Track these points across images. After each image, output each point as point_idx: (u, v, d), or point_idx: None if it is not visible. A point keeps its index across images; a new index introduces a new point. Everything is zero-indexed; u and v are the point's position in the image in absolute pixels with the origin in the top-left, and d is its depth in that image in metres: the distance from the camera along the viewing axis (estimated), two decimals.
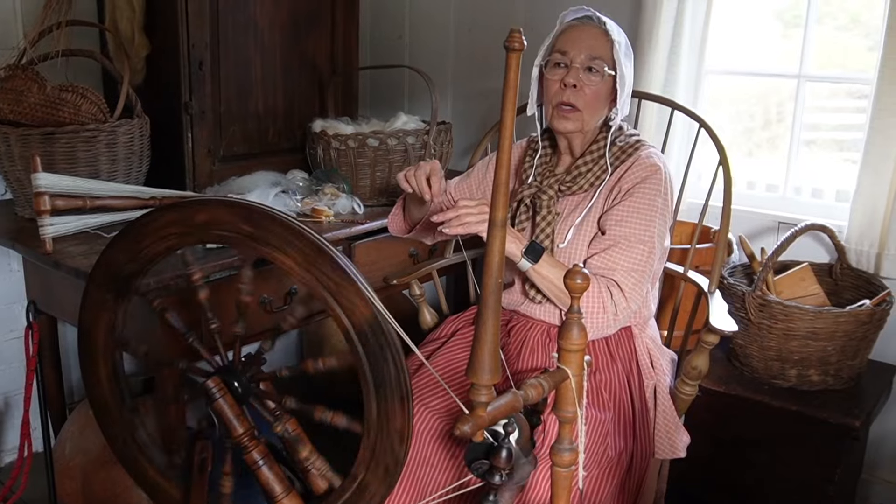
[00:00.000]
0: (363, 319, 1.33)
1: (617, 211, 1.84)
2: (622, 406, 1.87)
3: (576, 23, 1.89)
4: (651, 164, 1.86)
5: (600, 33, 1.86)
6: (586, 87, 1.85)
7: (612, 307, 1.78)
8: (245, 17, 2.48)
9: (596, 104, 1.88)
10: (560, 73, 1.87)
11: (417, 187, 1.85)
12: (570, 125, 1.88)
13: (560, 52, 1.87)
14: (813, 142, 2.64)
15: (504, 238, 1.18)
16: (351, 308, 1.34)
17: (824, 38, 2.54)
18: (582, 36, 1.86)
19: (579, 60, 1.85)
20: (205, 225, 1.47)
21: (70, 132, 2.16)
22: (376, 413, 1.36)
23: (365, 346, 1.36)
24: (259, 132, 2.61)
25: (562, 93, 1.86)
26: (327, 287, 1.36)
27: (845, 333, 2.14)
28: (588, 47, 1.85)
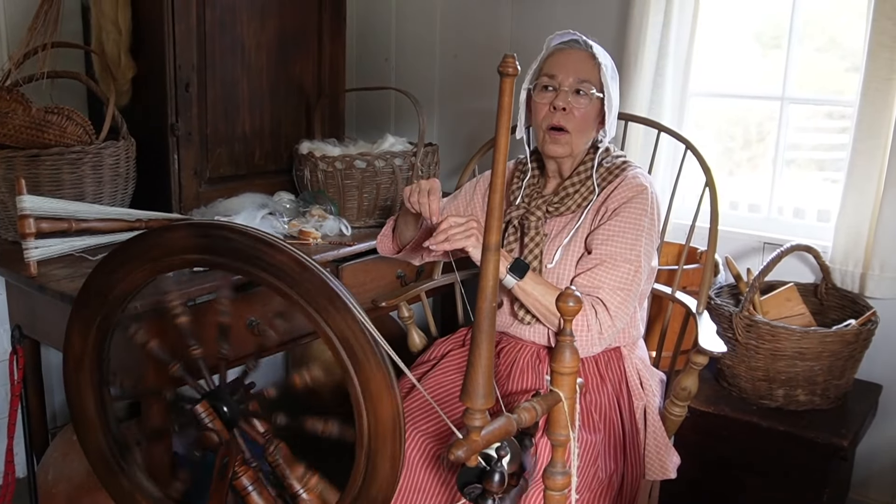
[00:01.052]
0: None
1: (603, 230, 1.85)
2: (612, 427, 1.87)
3: (563, 46, 1.91)
4: (638, 185, 1.87)
5: (587, 57, 1.88)
6: (575, 110, 1.86)
7: (596, 326, 1.79)
8: (232, 38, 2.48)
9: (585, 126, 1.89)
10: (549, 97, 1.88)
11: (423, 209, 1.84)
12: (560, 150, 1.90)
13: (548, 76, 1.88)
14: (793, 161, 2.66)
15: (497, 262, 1.18)
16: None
17: (804, 60, 2.57)
18: (569, 59, 1.88)
19: (567, 84, 1.87)
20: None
21: (55, 154, 2.14)
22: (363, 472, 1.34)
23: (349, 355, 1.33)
24: (246, 154, 2.60)
25: (551, 116, 1.87)
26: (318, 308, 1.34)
27: (832, 353, 2.15)
28: (576, 70, 1.87)
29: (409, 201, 1.87)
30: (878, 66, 2.21)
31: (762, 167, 2.67)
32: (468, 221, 1.74)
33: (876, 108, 2.23)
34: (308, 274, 1.30)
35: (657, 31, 2.50)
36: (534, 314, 1.85)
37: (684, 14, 2.51)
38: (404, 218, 2.01)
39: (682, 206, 2.63)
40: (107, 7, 2.34)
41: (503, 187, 1.15)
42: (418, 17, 3.18)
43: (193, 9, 2.35)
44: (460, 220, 1.75)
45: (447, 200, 2.13)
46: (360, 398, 1.30)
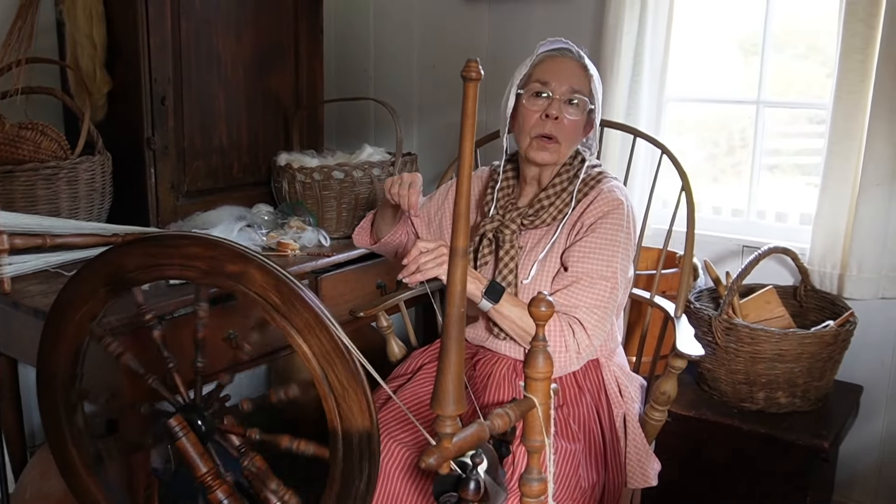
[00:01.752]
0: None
1: (579, 247, 1.83)
2: (592, 437, 1.86)
3: (554, 53, 1.88)
4: (613, 199, 1.85)
5: (579, 66, 1.86)
6: (566, 120, 1.84)
7: (574, 345, 1.77)
8: (208, 52, 2.48)
9: (574, 136, 1.88)
10: (541, 104, 1.85)
11: (402, 201, 1.83)
12: (548, 157, 1.87)
13: (540, 83, 1.85)
14: (776, 166, 2.68)
15: (465, 267, 1.17)
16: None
17: (784, 66, 2.59)
18: (563, 68, 1.86)
19: (561, 92, 1.84)
20: (232, 276, 1.42)
21: (29, 170, 2.14)
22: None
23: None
24: (223, 167, 2.60)
25: (542, 124, 1.84)
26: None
27: (811, 355, 2.15)
28: (569, 80, 1.84)
29: (389, 192, 1.86)
30: (850, 69, 2.23)
31: (745, 173, 2.67)
32: (438, 248, 1.71)
33: (849, 111, 2.24)
34: (281, 285, 1.30)
35: (632, 38, 2.52)
36: (510, 335, 1.84)
37: (659, 21, 2.53)
38: (382, 211, 2.01)
39: (662, 211, 2.64)
40: (81, 22, 2.34)
41: (468, 192, 1.15)
42: (396, 27, 3.19)
43: (168, 22, 2.35)
44: (429, 247, 1.71)
45: (423, 201, 2.12)
46: (335, 412, 1.30)
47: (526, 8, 2.84)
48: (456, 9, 3.00)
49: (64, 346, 1.62)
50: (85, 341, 1.59)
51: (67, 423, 1.65)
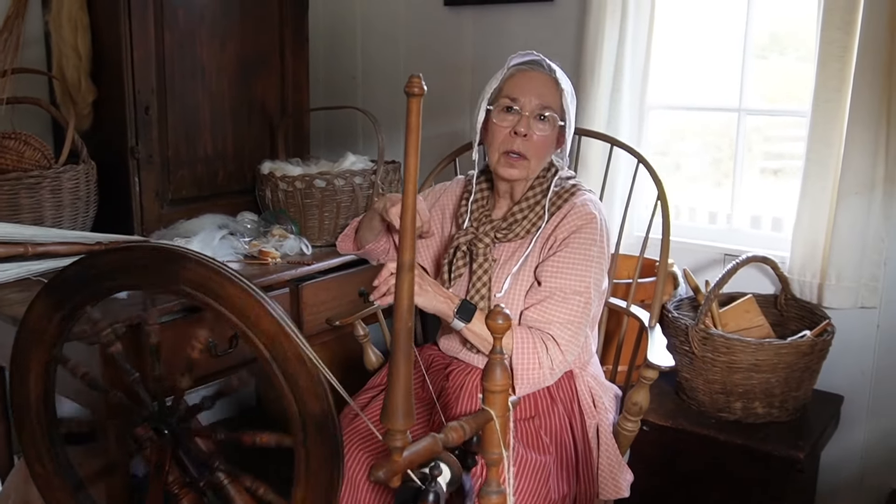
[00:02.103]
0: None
1: (553, 262, 1.83)
2: (564, 449, 1.86)
3: (525, 68, 1.87)
4: (586, 213, 1.85)
5: (550, 81, 1.85)
6: (535, 136, 1.84)
7: (547, 361, 1.78)
8: (192, 62, 2.50)
9: (544, 152, 1.88)
10: (510, 120, 1.84)
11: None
12: (516, 173, 1.87)
13: (509, 98, 1.84)
14: (763, 171, 2.67)
15: (412, 281, 1.18)
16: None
17: (767, 73, 2.59)
18: (532, 83, 1.85)
19: (530, 108, 1.83)
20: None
21: (12, 179, 2.16)
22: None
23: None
24: (209, 175, 2.62)
25: (511, 141, 1.84)
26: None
27: (787, 365, 2.15)
28: (539, 95, 1.83)
29: (389, 214, 1.87)
30: (828, 76, 2.23)
31: (725, 179, 2.67)
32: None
33: (827, 118, 2.24)
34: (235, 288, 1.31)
35: (613, 46, 2.52)
36: (484, 353, 1.84)
37: (640, 28, 2.53)
38: (369, 222, 2.02)
39: (644, 218, 2.64)
40: (66, 32, 2.37)
41: (414, 206, 1.16)
42: (382, 35, 3.21)
43: (151, 33, 2.38)
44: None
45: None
46: (299, 424, 1.31)
47: (508, 15, 2.85)
48: (440, 16, 3.01)
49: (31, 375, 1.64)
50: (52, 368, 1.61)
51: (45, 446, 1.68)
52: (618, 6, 2.50)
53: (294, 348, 1.27)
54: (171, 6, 2.42)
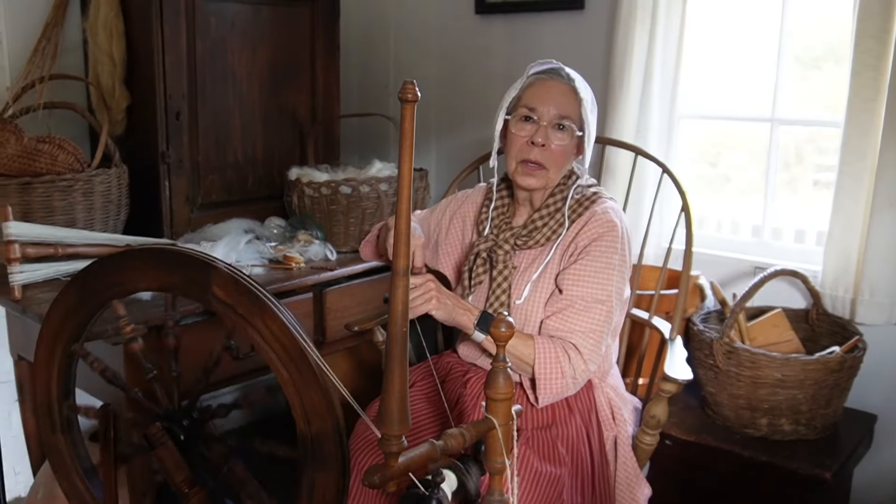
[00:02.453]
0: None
1: (574, 270, 1.82)
2: (580, 460, 1.84)
3: (544, 76, 1.86)
4: (607, 221, 1.83)
5: (569, 90, 1.83)
6: (554, 145, 1.83)
7: (570, 371, 1.76)
8: (223, 68, 2.54)
9: (562, 161, 1.86)
10: (528, 130, 1.83)
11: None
12: (534, 182, 1.86)
13: (528, 108, 1.83)
14: (791, 183, 2.61)
15: (406, 287, 1.18)
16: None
17: (809, 80, 2.53)
18: (551, 92, 1.83)
19: (548, 118, 1.82)
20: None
21: (46, 182, 2.21)
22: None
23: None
24: (238, 180, 2.65)
25: (529, 150, 1.83)
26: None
27: (815, 381, 2.09)
28: (557, 105, 1.82)
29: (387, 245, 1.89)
30: (862, 86, 2.17)
31: (758, 190, 2.62)
32: (424, 283, 1.73)
33: (861, 130, 2.18)
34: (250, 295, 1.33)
35: (643, 54, 2.50)
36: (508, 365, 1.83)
37: (670, 37, 2.50)
38: (388, 231, 2.02)
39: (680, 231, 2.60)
40: (102, 40, 2.42)
41: (409, 213, 1.16)
42: (414, 43, 3.22)
43: (183, 40, 2.42)
44: (416, 282, 1.72)
45: (428, 212, 2.15)
46: (306, 434, 1.32)
47: (539, 23, 2.84)
48: (471, 24, 3.02)
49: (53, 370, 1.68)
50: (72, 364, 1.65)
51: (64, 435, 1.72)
52: (647, 14, 2.48)
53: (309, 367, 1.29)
54: (203, 14, 2.46)
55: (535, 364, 1.76)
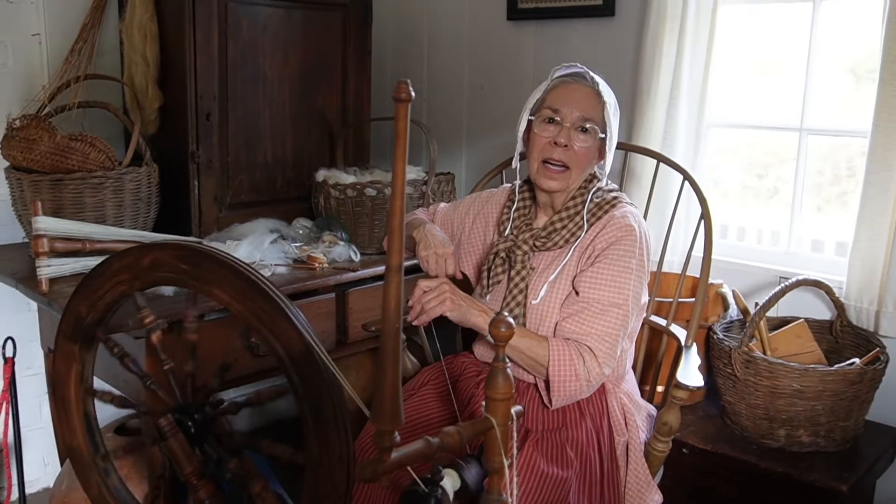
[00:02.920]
0: (296, 350, 1.37)
1: (591, 273, 1.82)
2: (589, 463, 1.84)
3: (568, 80, 1.88)
4: (626, 225, 1.83)
5: (593, 93, 1.85)
6: (577, 147, 1.84)
7: (584, 374, 1.76)
8: (254, 71, 2.59)
9: (585, 163, 1.88)
10: (551, 131, 1.85)
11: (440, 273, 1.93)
12: (555, 185, 1.88)
13: (552, 109, 1.86)
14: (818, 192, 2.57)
15: (399, 284, 1.20)
16: (283, 337, 1.38)
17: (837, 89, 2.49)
18: (575, 95, 1.85)
19: (571, 119, 1.84)
20: (150, 268, 1.54)
21: (78, 179, 2.28)
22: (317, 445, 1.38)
23: (300, 375, 1.39)
24: (267, 181, 2.70)
25: (551, 150, 1.85)
26: (259, 316, 1.41)
27: (834, 393, 2.06)
28: (581, 108, 1.84)
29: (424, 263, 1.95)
30: (890, 94, 2.14)
31: (785, 200, 2.58)
32: (439, 286, 1.76)
33: (888, 140, 2.15)
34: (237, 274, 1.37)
35: (671, 61, 2.49)
36: (520, 366, 1.84)
37: (698, 45, 2.48)
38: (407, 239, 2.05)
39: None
40: (136, 41, 2.49)
41: (402, 209, 1.17)
42: (447, 48, 3.25)
43: (215, 42, 2.47)
44: (431, 285, 1.76)
45: (450, 207, 2.18)
46: (311, 433, 1.35)
47: (570, 29, 2.85)
48: (503, 30, 3.03)
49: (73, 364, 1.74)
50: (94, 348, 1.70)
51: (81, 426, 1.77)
52: (676, 22, 2.46)
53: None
54: (235, 17, 2.51)
55: (550, 366, 1.77)
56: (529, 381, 1.92)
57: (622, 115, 2.68)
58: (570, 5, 2.79)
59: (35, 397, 2.72)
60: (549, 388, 1.79)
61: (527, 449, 1.79)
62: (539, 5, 2.88)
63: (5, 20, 2.54)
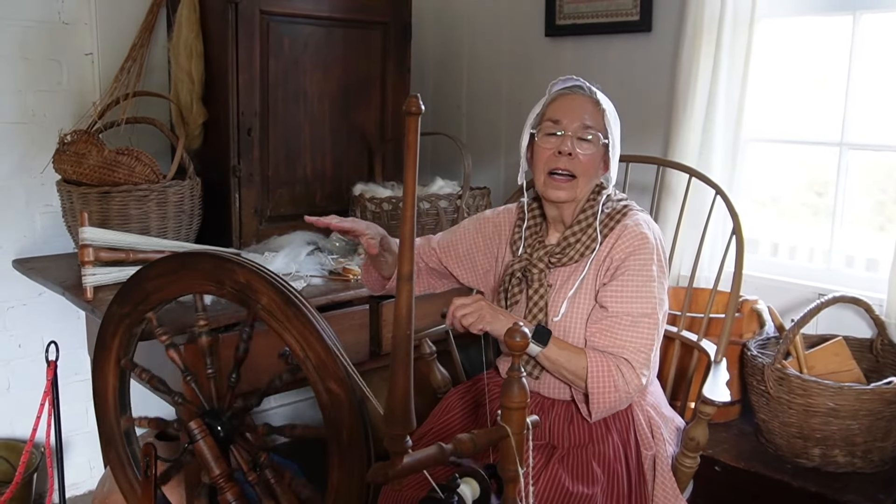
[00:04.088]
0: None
1: (615, 288, 1.82)
2: (616, 479, 1.82)
3: (566, 92, 1.89)
4: (639, 234, 1.82)
5: (591, 102, 1.87)
6: (581, 155, 1.84)
7: (623, 386, 1.76)
8: (295, 87, 2.66)
9: (591, 171, 1.87)
10: (554, 142, 1.86)
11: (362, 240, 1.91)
12: (563, 194, 1.87)
13: (552, 121, 1.86)
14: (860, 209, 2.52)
15: (411, 291, 1.22)
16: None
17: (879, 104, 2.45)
18: (574, 105, 1.86)
19: (573, 128, 1.84)
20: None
21: (124, 191, 2.37)
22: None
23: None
24: (307, 195, 2.76)
25: (556, 160, 1.85)
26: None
27: (870, 412, 2.02)
28: (581, 116, 1.85)
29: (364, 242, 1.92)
30: None
31: (825, 216, 2.54)
32: (476, 301, 1.77)
33: None
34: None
35: (707, 76, 2.48)
36: (559, 378, 1.85)
37: (735, 60, 2.47)
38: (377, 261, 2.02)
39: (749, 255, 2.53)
40: (182, 59, 2.58)
41: (413, 218, 1.20)
42: (486, 65, 3.28)
43: (257, 61, 2.55)
44: (466, 301, 1.77)
45: (443, 235, 2.13)
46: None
47: (607, 45, 2.85)
48: (540, 47, 3.06)
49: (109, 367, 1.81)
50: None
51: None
52: (713, 36, 2.46)
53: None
54: (277, 35, 2.59)
55: (588, 378, 1.76)
56: (560, 399, 1.91)
57: (658, 130, 2.70)
58: (607, 21, 2.80)
59: (81, 402, 2.81)
60: (589, 400, 1.80)
61: (552, 466, 1.79)
62: (576, 21, 2.89)
63: (61, 41, 2.66)
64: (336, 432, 1.52)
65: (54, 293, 2.43)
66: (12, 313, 2.70)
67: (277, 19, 2.58)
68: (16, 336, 2.71)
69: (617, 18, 2.78)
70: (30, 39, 2.59)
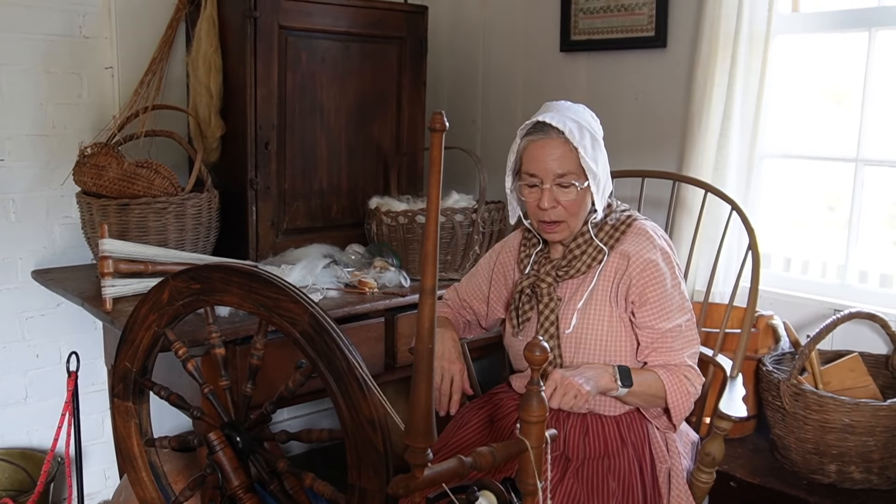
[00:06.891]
0: (305, 323, 1.45)
1: (650, 312, 1.85)
2: (632, 493, 1.83)
3: (535, 138, 1.86)
4: (645, 260, 1.85)
5: (562, 144, 1.82)
6: (564, 201, 1.84)
7: (693, 390, 1.85)
8: (312, 102, 2.68)
9: (578, 210, 1.87)
10: (535, 194, 1.86)
11: (443, 400, 1.94)
12: (557, 236, 1.91)
13: (528, 174, 1.87)
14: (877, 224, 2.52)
15: (433, 305, 1.24)
16: (291, 316, 1.46)
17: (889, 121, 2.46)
18: (545, 154, 1.83)
19: (549, 181, 1.84)
20: (169, 300, 1.62)
21: (142, 203, 2.39)
22: (345, 408, 1.44)
23: (313, 347, 1.45)
24: (323, 208, 2.78)
25: (542, 213, 1.87)
26: (265, 304, 1.49)
27: (886, 428, 2.02)
28: (553, 167, 1.82)
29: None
30: None
31: (841, 231, 2.55)
32: (561, 378, 1.74)
33: None
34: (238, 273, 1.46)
35: (722, 92, 2.48)
36: (644, 405, 1.88)
37: (751, 76, 2.48)
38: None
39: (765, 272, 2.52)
40: (201, 73, 2.60)
41: (436, 233, 1.22)
42: (502, 81, 3.30)
43: (274, 75, 2.57)
44: (555, 382, 1.74)
45: (467, 279, 2.17)
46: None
47: (622, 60, 2.87)
48: (556, 62, 3.07)
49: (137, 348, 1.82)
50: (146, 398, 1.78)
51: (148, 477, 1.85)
52: (728, 52, 2.47)
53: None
54: (294, 50, 2.61)
55: (668, 397, 1.84)
56: (622, 411, 1.92)
57: (673, 146, 2.70)
58: (622, 37, 2.82)
59: (98, 412, 2.83)
60: (671, 414, 1.86)
61: (567, 480, 1.80)
62: (591, 37, 2.91)
63: (82, 55, 2.69)
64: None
65: (72, 304, 2.46)
66: (31, 323, 2.72)
67: (295, 34, 2.60)
68: (34, 346, 2.73)
69: (632, 34, 2.79)
70: (51, 53, 2.63)
